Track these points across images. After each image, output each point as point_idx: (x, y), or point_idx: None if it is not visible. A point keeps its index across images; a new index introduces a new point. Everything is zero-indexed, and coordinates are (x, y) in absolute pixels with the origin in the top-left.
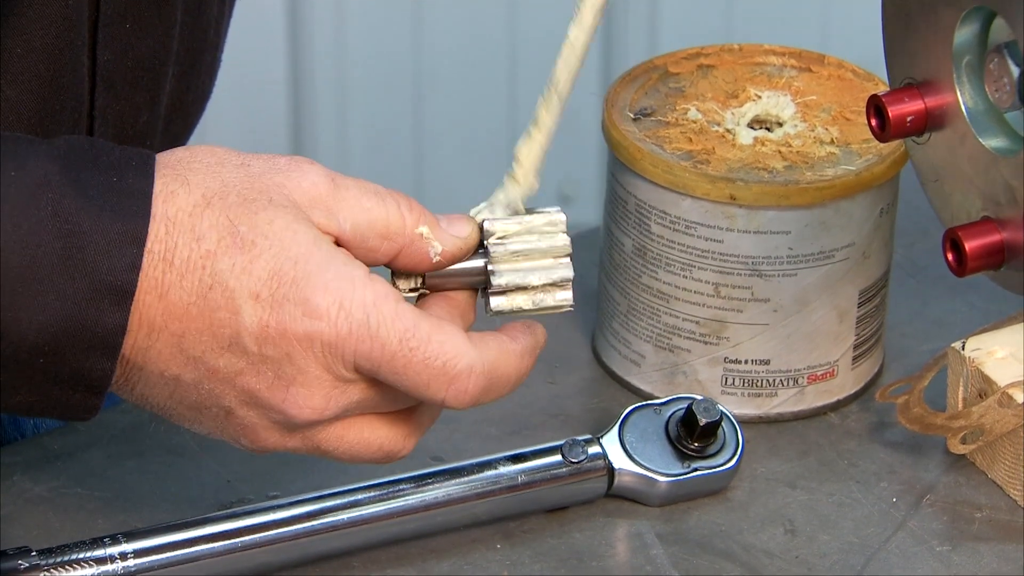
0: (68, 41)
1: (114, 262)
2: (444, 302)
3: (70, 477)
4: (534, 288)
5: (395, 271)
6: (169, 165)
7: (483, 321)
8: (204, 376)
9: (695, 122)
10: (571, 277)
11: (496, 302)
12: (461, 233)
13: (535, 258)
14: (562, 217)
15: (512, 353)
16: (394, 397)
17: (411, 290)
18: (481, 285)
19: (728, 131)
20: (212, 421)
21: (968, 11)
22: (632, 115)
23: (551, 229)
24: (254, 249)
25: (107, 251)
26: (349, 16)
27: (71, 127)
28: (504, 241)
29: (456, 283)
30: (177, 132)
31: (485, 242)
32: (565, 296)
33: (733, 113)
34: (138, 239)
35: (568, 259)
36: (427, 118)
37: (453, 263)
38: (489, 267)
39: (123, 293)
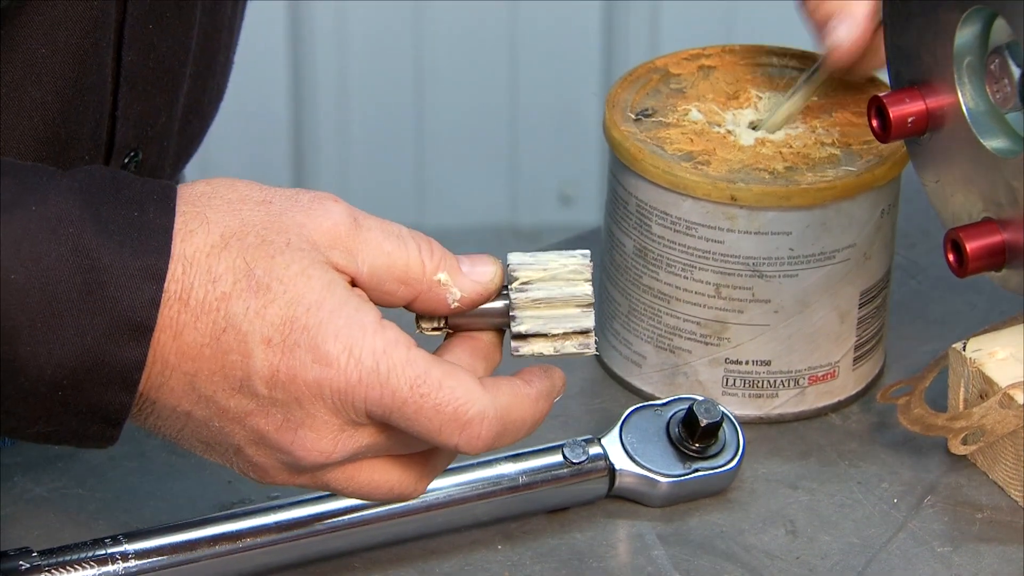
0: (94, 42)
1: (134, 298)
2: (468, 344)
3: (71, 478)
4: (555, 336)
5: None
6: (189, 201)
7: (509, 361)
8: (215, 414)
9: (696, 123)
10: (592, 327)
11: (516, 345)
12: (482, 278)
13: (557, 306)
14: (588, 264)
15: (526, 397)
16: (406, 441)
17: (434, 329)
18: (504, 326)
19: (729, 132)
20: (221, 456)
21: (969, 12)
22: (633, 116)
23: (575, 277)
24: (268, 294)
25: (127, 287)
26: (350, 18)
27: (94, 127)
28: (526, 287)
29: (480, 324)
30: (193, 133)
31: (508, 286)
32: (586, 343)
33: (734, 114)
34: (158, 276)
35: (591, 308)
36: (428, 120)
37: (473, 308)
38: (511, 312)
39: (142, 329)
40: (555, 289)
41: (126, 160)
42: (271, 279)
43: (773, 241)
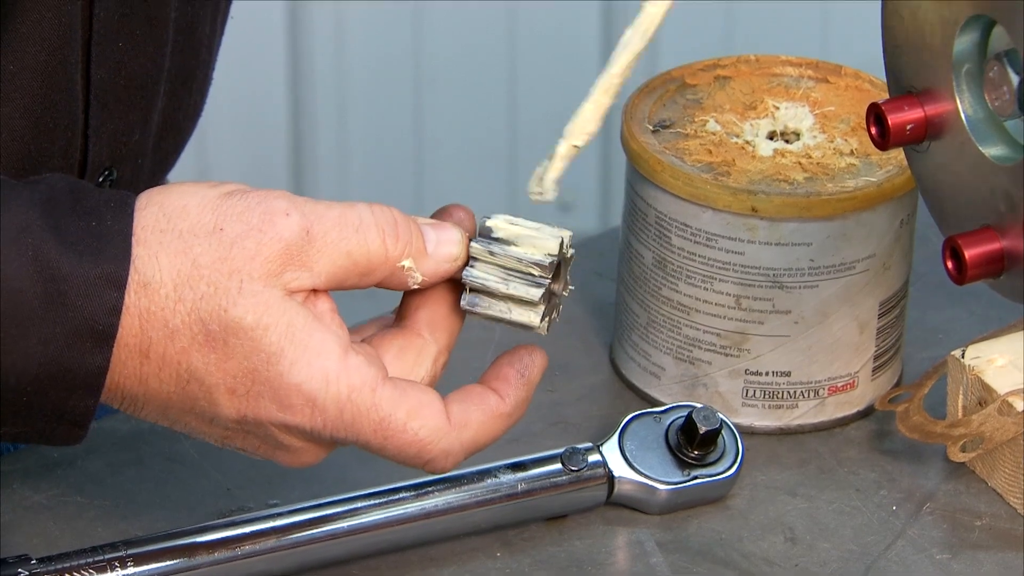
0: (62, 59)
1: (95, 306)
2: (434, 299)
3: (70, 485)
4: (503, 321)
5: None
6: (143, 240)
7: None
8: (193, 432)
9: (714, 134)
10: (535, 326)
11: (465, 310)
12: (447, 258)
13: (503, 314)
14: (547, 276)
15: (499, 417)
16: None
17: None
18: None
19: (748, 143)
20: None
21: (968, 19)
22: (651, 127)
23: (530, 291)
24: (226, 348)
25: (87, 295)
26: (349, 24)
27: (65, 145)
28: (477, 298)
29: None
30: (168, 150)
31: (465, 279)
32: (532, 330)
33: (752, 124)
34: (118, 283)
35: (531, 329)
36: (427, 126)
37: (434, 284)
38: (461, 303)
39: (104, 336)
40: (505, 313)
41: (100, 179)
42: (227, 335)
43: (793, 252)
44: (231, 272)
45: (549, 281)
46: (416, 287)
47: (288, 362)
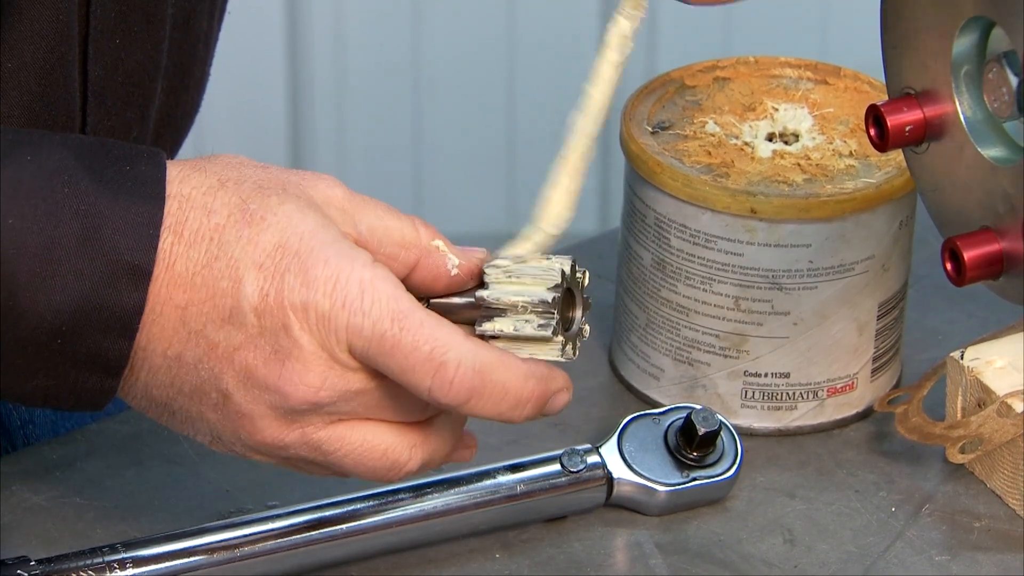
0: (59, 56)
1: (131, 242)
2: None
3: (69, 487)
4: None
5: None
6: (187, 162)
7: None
8: (204, 353)
9: (713, 135)
10: (559, 360)
11: (481, 333)
12: (476, 254)
13: (521, 345)
14: (551, 324)
15: (515, 368)
16: (398, 404)
17: None
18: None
19: (747, 144)
20: (211, 412)
21: (967, 20)
22: (650, 129)
23: (540, 325)
24: (262, 223)
25: (124, 232)
26: (348, 27)
27: None
28: (493, 323)
29: (456, 317)
30: (165, 146)
31: (479, 333)
32: (552, 351)
33: (751, 126)
34: (154, 222)
35: (547, 343)
36: (426, 127)
37: (471, 279)
38: (479, 320)
39: (141, 273)
40: (530, 355)
41: None
42: (265, 211)
43: (792, 253)
44: (276, 183)
45: (556, 317)
46: (455, 273)
47: (320, 240)
